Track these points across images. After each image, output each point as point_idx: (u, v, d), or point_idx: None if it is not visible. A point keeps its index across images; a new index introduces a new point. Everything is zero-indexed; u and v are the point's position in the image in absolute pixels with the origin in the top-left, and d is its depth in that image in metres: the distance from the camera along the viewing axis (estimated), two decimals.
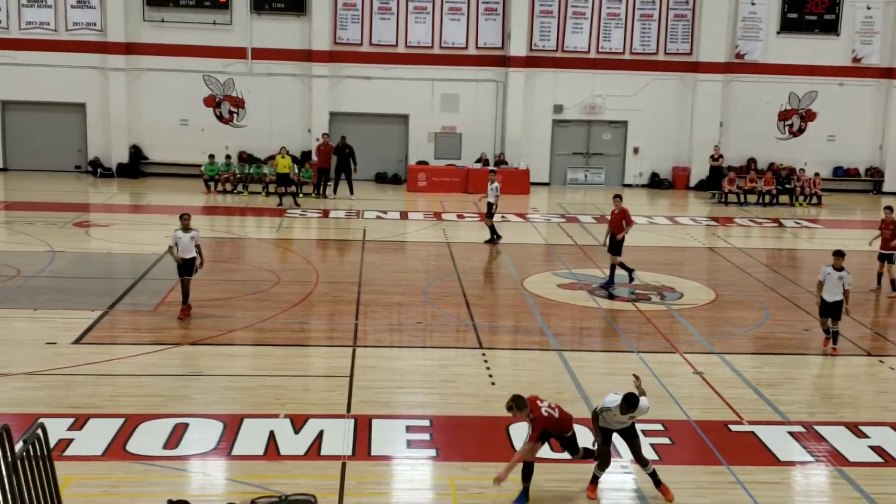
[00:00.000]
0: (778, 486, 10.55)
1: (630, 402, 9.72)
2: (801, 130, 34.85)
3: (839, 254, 15.19)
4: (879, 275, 19.52)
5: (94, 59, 32.08)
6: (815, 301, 15.62)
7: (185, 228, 16.16)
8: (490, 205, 23.33)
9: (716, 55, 33.47)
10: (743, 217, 29.09)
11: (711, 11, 33.21)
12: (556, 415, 9.93)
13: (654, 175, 34.51)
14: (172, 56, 32.23)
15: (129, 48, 32.11)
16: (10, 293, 17.32)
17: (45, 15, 31.96)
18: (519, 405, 9.70)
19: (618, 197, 19.81)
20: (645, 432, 11.69)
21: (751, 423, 12.17)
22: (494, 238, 23.40)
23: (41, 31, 32.01)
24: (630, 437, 10.08)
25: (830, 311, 15.09)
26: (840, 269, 14.99)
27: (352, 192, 29.86)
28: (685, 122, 34.13)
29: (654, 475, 10.07)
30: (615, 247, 19.20)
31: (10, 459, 6.92)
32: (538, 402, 9.90)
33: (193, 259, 16.15)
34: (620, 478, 10.59)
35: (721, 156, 32.93)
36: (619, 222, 19.21)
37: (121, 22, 31.84)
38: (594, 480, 10.10)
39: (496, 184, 23.58)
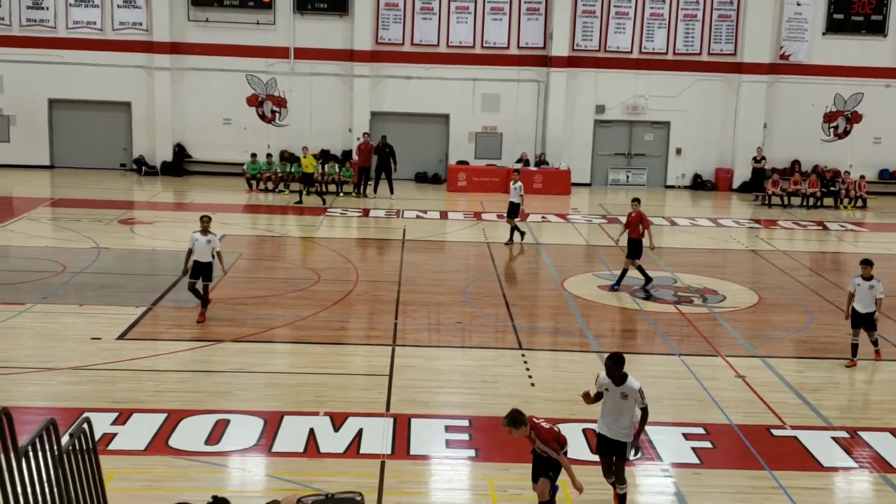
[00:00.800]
0: (821, 493, 10.41)
1: (616, 360, 9.48)
2: (846, 132, 34.37)
3: (867, 263, 14.51)
4: None
5: (140, 58, 32.48)
6: (844, 314, 14.88)
7: (204, 231, 15.69)
8: (513, 205, 22.94)
9: (760, 56, 33.11)
10: (787, 220, 28.76)
11: (756, 12, 32.86)
12: (557, 430, 9.32)
13: (697, 176, 34.22)
14: (216, 55, 32.53)
15: (174, 48, 32.46)
16: (57, 289, 17.59)
17: (93, 14, 32.40)
18: (516, 422, 9.01)
19: (636, 200, 19.24)
20: (687, 436, 11.64)
21: (794, 427, 12.03)
22: (512, 239, 23.04)
23: (88, 31, 32.46)
24: (619, 454, 9.51)
25: (863, 322, 14.53)
26: (869, 278, 14.38)
27: (392, 192, 29.94)
28: (728, 124, 33.80)
29: (622, 498, 9.54)
30: (634, 250, 18.88)
31: (56, 453, 7.02)
32: (536, 420, 9.25)
33: (209, 264, 15.59)
34: (660, 481, 10.51)
35: (763, 158, 32.58)
36: (637, 225, 18.85)
37: (166, 21, 32.21)
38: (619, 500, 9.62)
39: (519, 183, 23.19)
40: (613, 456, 9.54)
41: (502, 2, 32.87)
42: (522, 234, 23.35)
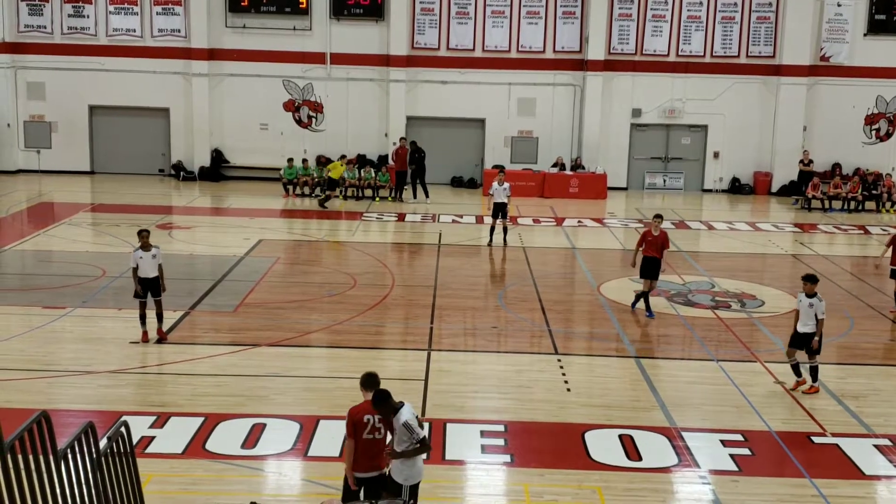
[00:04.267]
0: (862, 501, 10.25)
1: (376, 398, 8.28)
2: (888, 135, 33.86)
3: (810, 279, 13.36)
4: None
5: (178, 64, 32.80)
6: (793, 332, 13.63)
7: (146, 246, 14.79)
8: (500, 205, 22.88)
9: (799, 58, 32.71)
10: (827, 223, 28.38)
11: (795, 13, 32.48)
12: (361, 417, 8.44)
13: (735, 180, 33.88)
14: (253, 61, 32.78)
15: (212, 54, 32.76)
16: (97, 293, 17.79)
17: (132, 22, 32.79)
18: (364, 384, 8.60)
19: (659, 217, 17.68)
20: (724, 442, 11.52)
21: (834, 435, 11.85)
22: (505, 239, 23.13)
23: (128, 38, 32.85)
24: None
25: (801, 343, 13.31)
26: (812, 295, 13.20)
27: (427, 196, 29.99)
28: (767, 127, 33.44)
29: None
30: (653, 270, 17.21)
31: (94, 456, 7.08)
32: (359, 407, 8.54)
33: (157, 279, 14.86)
34: (698, 488, 10.40)
35: (811, 161, 32.24)
36: (661, 246, 17.26)
37: (204, 28, 32.50)
38: None
39: (506, 184, 23.04)
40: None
41: (538, 6, 32.79)
42: (492, 238, 23.30)
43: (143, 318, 14.92)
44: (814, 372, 13.40)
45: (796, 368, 13.47)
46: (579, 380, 13.77)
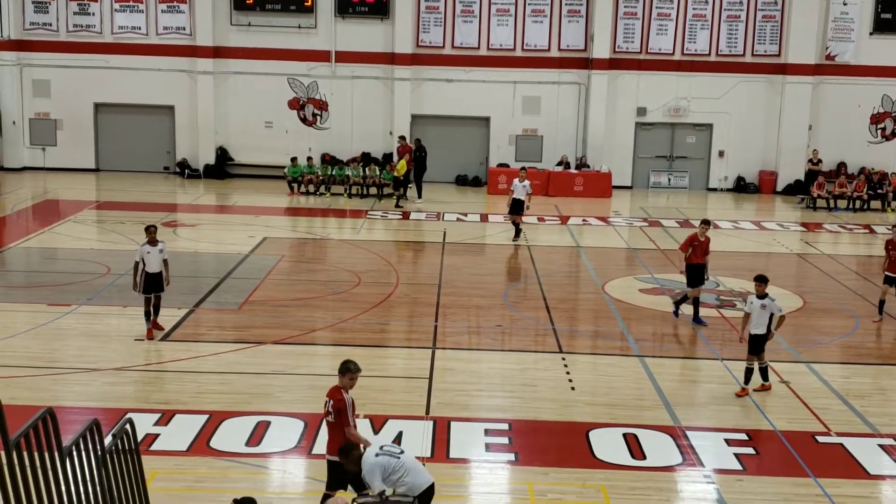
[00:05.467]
0: (867, 501, 10.24)
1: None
2: (894, 134, 33.79)
3: (762, 279, 13.21)
4: (882, 302, 17.46)
5: (183, 62, 32.83)
6: (739, 336, 13.49)
7: (153, 241, 14.94)
8: (518, 202, 23.57)
9: (805, 57, 32.66)
10: (832, 223, 28.33)
11: (801, 12, 32.41)
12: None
13: (740, 179, 33.83)
14: (258, 59, 32.79)
15: (217, 52, 32.77)
16: (102, 290, 17.81)
17: (137, 20, 32.82)
18: (342, 370, 9.12)
19: (707, 223, 17.51)
20: (729, 441, 11.51)
21: (839, 434, 11.84)
22: (518, 235, 23.82)
23: (133, 36, 32.88)
24: None
25: (759, 347, 13.12)
26: (763, 296, 13.05)
27: (420, 195, 29.98)
28: (772, 126, 33.38)
29: None
30: (699, 276, 16.99)
31: (99, 453, 7.09)
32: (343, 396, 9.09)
33: (160, 274, 14.97)
34: (702, 487, 10.39)
35: (820, 160, 32.18)
36: (706, 251, 17.08)
37: (209, 26, 32.52)
38: None
39: (527, 181, 23.95)
40: None
41: (543, 4, 32.76)
42: (518, 233, 23.85)
43: (148, 314, 14.98)
44: (763, 372, 13.24)
45: (749, 374, 13.11)
46: (584, 378, 13.76)
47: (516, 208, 23.62)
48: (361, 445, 8.84)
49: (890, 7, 32.81)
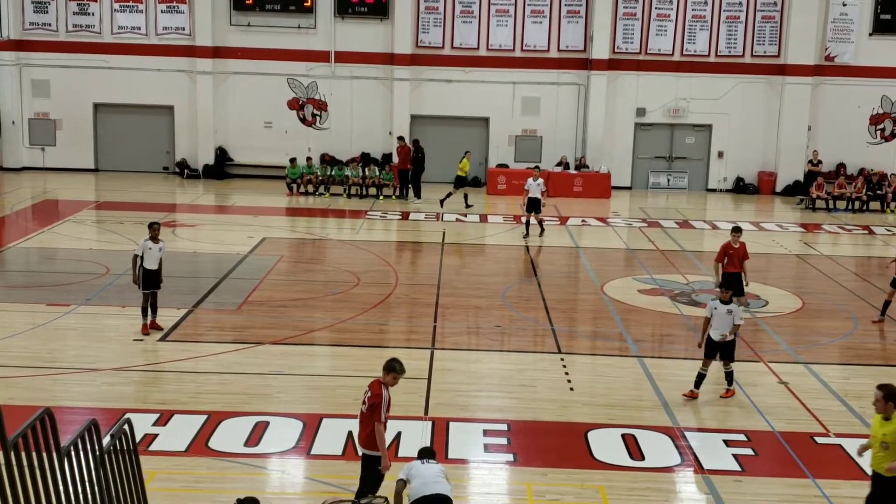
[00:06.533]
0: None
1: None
2: (893, 135, 33.80)
3: (727, 286, 13.39)
4: (887, 303, 17.24)
5: (183, 62, 32.82)
6: (699, 340, 13.25)
7: (155, 238, 15.08)
8: (535, 200, 24.01)
9: (804, 58, 32.66)
10: (831, 223, 28.33)
11: (800, 13, 32.42)
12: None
13: (739, 180, 33.83)
14: (258, 59, 32.78)
15: (216, 52, 32.77)
16: (101, 290, 17.81)
17: (137, 20, 32.81)
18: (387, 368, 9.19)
19: (739, 230, 17.17)
20: (728, 442, 11.51)
21: (838, 435, 11.84)
22: (542, 230, 24.51)
23: (132, 36, 32.86)
24: None
25: (718, 351, 12.91)
26: (728, 301, 12.92)
27: (418, 196, 29.97)
28: (772, 126, 33.38)
29: None
30: (738, 286, 16.36)
31: (98, 453, 7.09)
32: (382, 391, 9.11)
33: (159, 271, 15.17)
34: (702, 488, 10.39)
35: (820, 161, 32.19)
36: (741, 258, 16.65)
37: (208, 26, 32.51)
38: None
39: (541, 180, 24.44)
40: None
41: (542, 4, 32.76)
42: (537, 229, 24.32)
43: (145, 310, 15.08)
44: (729, 377, 13.07)
45: (700, 380, 12.98)
46: (582, 379, 13.76)
47: (533, 206, 24.02)
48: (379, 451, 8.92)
49: (889, 8, 32.82)
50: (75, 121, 33.21)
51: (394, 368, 9.17)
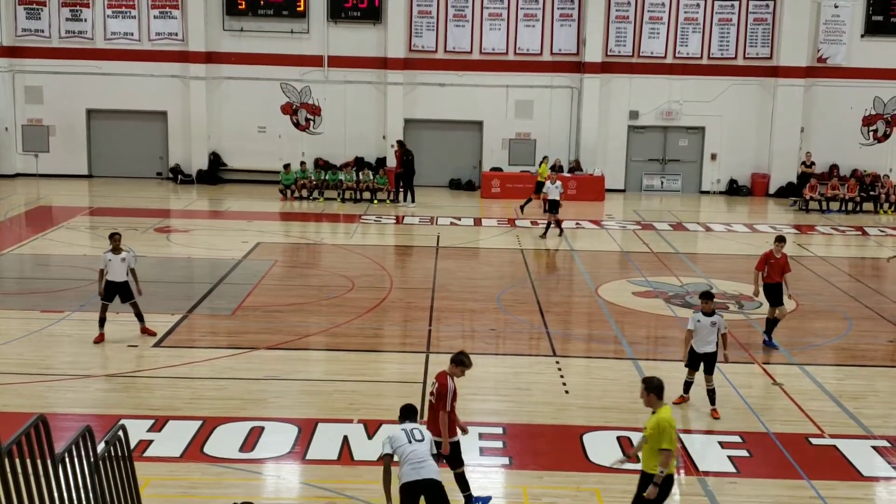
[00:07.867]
0: (861, 502, 10.25)
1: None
2: (886, 136, 33.90)
3: (707, 296, 12.66)
4: None
5: (176, 68, 32.79)
6: (682, 354, 12.91)
7: (116, 249, 14.94)
8: (554, 201, 24.81)
9: (797, 59, 32.74)
10: (825, 225, 28.39)
11: (792, 15, 32.51)
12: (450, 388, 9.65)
13: (733, 182, 33.90)
14: (251, 64, 32.77)
15: (209, 57, 32.75)
16: (95, 297, 17.72)
17: (129, 25, 32.79)
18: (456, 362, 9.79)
19: (783, 240, 16.00)
20: (723, 444, 11.52)
21: (833, 436, 11.85)
22: (561, 230, 25.30)
23: (125, 41, 32.84)
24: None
25: (702, 363, 12.61)
26: (711, 313, 12.49)
27: (413, 200, 29.95)
28: (764, 128, 33.46)
29: None
30: (777, 296, 15.82)
31: (92, 460, 7.08)
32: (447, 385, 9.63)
33: (125, 283, 14.95)
34: (696, 489, 10.39)
35: (813, 162, 32.30)
36: (783, 269, 15.74)
37: (201, 31, 32.49)
38: None
39: (559, 182, 25.38)
40: None
41: (535, 8, 32.81)
42: (556, 230, 25.07)
43: (101, 321, 14.94)
44: (712, 395, 12.62)
45: (688, 387, 12.85)
46: (577, 382, 13.77)
47: (553, 208, 24.82)
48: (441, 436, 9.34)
49: (881, 9, 32.92)
50: (69, 127, 33.17)
51: (462, 362, 9.74)
